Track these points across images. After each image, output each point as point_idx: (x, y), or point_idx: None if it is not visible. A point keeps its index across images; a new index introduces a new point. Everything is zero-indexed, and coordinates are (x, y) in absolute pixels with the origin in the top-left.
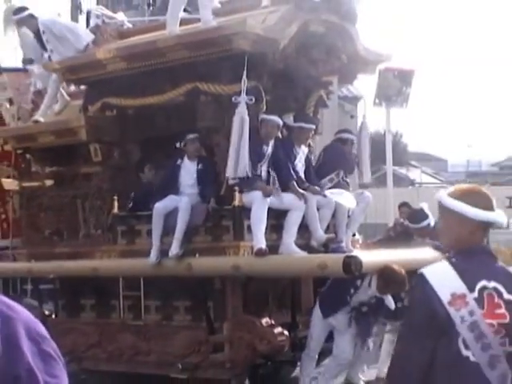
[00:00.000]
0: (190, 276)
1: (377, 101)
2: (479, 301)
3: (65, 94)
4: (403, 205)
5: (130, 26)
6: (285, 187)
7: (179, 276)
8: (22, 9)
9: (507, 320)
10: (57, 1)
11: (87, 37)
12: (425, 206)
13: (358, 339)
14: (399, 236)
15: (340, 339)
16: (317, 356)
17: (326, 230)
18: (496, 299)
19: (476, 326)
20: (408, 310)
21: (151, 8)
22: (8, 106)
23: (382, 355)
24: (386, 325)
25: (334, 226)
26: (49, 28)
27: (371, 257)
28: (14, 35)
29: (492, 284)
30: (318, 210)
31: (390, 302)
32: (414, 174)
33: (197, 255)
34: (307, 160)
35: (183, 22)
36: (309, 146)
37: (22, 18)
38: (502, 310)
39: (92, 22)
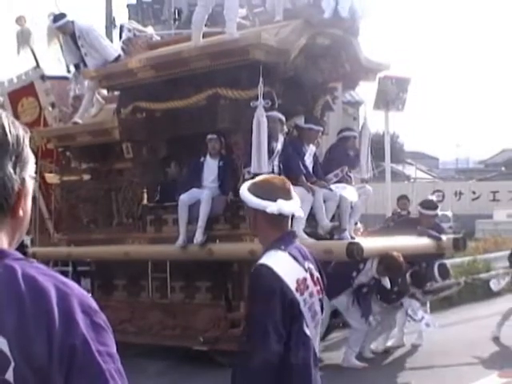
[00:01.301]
0: (211, 260)
1: (376, 105)
2: (310, 280)
3: (100, 98)
4: (402, 197)
5: (158, 38)
6: (294, 181)
7: (201, 260)
8: (61, 15)
9: (321, 295)
10: (93, 16)
11: (114, 52)
12: (434, 199)
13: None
14: (397, 225)
15: (350, 315)
16: (322, 332)
17: (331, 220)
18: (315, 277)
19: (312, 305)
20: (255, 303)
21: (177, 23)
22: (51, 109)
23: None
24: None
25: (338, 216)
26: (83, 35)
27: (371, 243)
28: (57, 48)
29: (308, 264)
30: (324, 201)
31: (386, 282)
32: (410, 171)
33: (217, 241)
34: (315, 157)
35: (205, 35)
36: (316, 144)
37: (61, 25)
38: (318, 287)
39: (124, 35)
